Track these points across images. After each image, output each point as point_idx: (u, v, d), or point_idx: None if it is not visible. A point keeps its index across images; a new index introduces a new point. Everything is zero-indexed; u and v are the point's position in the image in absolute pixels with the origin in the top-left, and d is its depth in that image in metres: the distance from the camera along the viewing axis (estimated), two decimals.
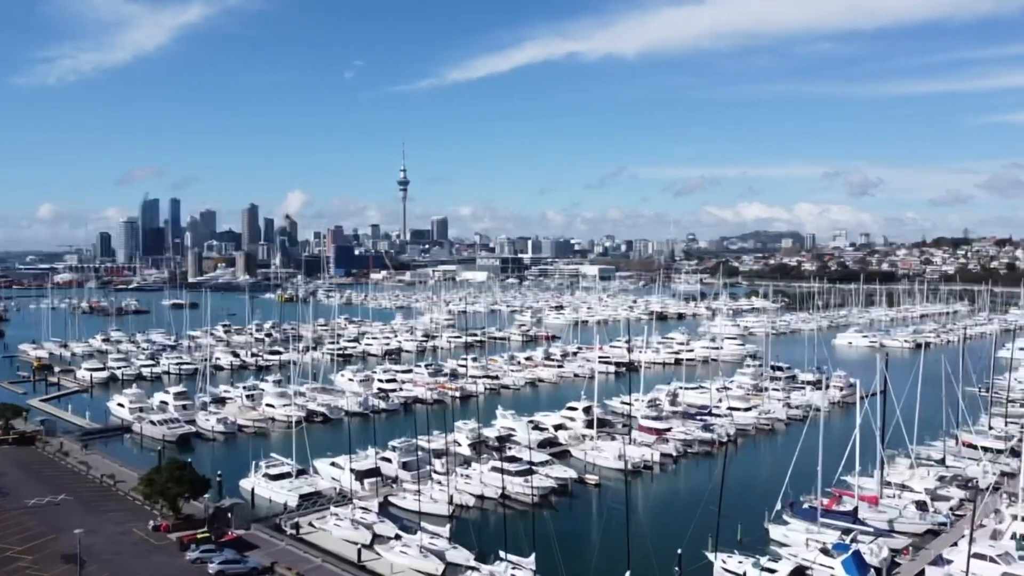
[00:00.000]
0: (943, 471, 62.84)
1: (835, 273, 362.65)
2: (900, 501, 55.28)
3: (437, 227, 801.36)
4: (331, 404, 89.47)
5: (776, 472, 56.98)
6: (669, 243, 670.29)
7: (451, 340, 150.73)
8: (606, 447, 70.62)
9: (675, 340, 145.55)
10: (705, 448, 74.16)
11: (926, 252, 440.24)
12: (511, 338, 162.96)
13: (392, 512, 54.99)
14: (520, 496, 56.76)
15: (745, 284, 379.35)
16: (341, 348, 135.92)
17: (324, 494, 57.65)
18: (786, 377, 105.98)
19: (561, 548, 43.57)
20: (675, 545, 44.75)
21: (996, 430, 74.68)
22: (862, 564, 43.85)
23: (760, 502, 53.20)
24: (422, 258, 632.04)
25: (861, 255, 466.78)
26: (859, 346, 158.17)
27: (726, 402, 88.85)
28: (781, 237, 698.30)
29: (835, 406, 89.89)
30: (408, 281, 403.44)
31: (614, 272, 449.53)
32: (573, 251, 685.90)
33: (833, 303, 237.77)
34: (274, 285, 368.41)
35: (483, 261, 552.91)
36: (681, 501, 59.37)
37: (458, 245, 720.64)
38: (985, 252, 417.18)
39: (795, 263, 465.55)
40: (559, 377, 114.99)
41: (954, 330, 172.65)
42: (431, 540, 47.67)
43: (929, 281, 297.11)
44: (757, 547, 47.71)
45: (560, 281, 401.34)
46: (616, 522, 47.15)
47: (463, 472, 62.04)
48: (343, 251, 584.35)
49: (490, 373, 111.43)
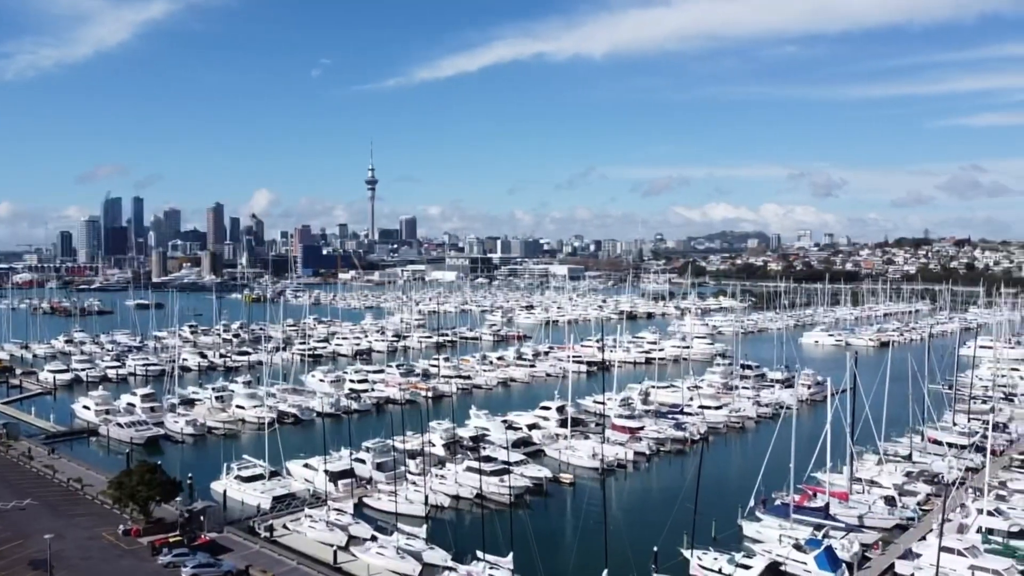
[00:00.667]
0: (910, 467, 64.17)
1: (800, 273, 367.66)
2: (869, 497, 56.32)
3: (406, 227, 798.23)
4: (302, 405, 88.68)
5: (748, 470, 57.69)
6: (637, 243, 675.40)
7: (422, 340, 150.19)
8: (580, 446, 70.88)
9: (645, 339, 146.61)
10: (678, 446, 74.82)
11: (888, 252, 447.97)
12: (482, 338, 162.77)
13: (367, 513, 54.73)
14: (496, 496, 56.76)
15: (712, 284, 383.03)
16: (311, 349, 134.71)
17: (298, 496, 57.11)
18: (755, 376, 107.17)
19: (538, 547, 43.71)
20: (651, 543, 45.07)
21: (960, 426, 76.31)
22: (834, 559, 44.56)
23: (733, 499, 53.82)
24: (391, 258, 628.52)
25: (825, 255, 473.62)
26: (825, 345, 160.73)
27: (697, 401, 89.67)
28: (747, 237, 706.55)
29: (804, 404, 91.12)
30: (377, 281, 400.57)
31: (583, 272, 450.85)
32: (542, 251, 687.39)
33: (799, 302, 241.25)
34: (241, 285, 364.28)
35: (452, 261, 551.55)
36: (656, 499, 59.86)
37: (427, 245, 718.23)
38: (945, 252, 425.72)
39: (761, 263, 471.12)
40: (531, 377, 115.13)
41: (917, 328, 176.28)
42: (407, 541, 47.46)
43: (892, 281, 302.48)
44: (731, 544, 48.30)
45: (530, 281, 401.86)
46: (592, 520, 47.43)
47: (438, 472, 61.87)
48: (311, 251, 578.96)
49: (462, 373, 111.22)
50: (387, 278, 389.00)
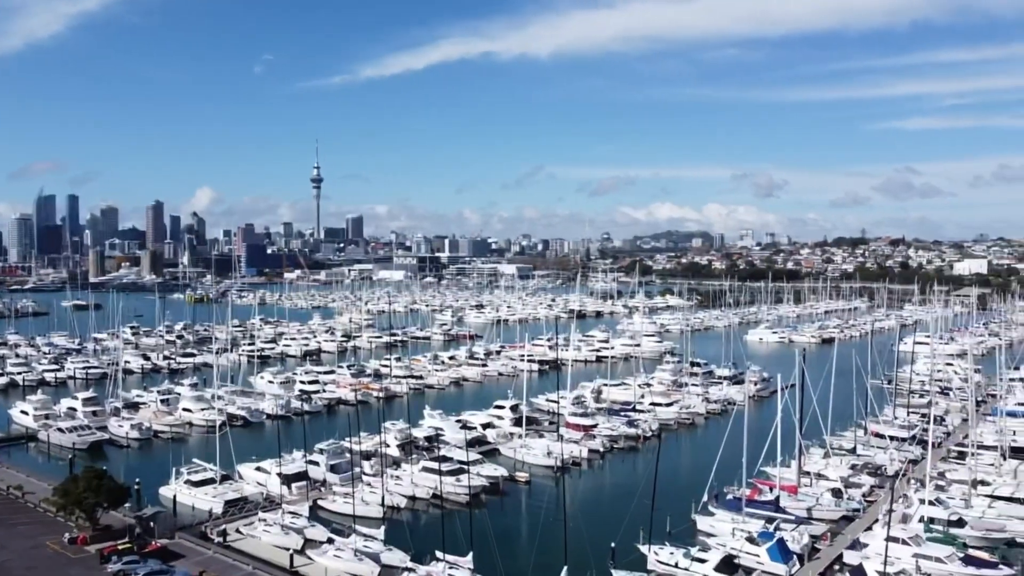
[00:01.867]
0: (855, 460, 66.15)
1: (744, 272, 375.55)
2: (817, 489, 57.91)
3: (352, 225, 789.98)
4: (251, 407, 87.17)
5: (700, 465, 58.76)
6: (585, 242, 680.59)
7: (372, 340, 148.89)
8: (535, 444, 71.24)
9: (596, 338, 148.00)
10: (631, 443, 75.78)
11: (827, 251, 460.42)
12: (433, 337, 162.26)
13: (323, 516, 54.08)
14: (453, 496, 56.72)
15: (659, 283, 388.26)
16: (258, 350, 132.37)
17: (251, 499, 56.13)
18: (704, 373, 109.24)
19: (498, 546, 43.82)
20: (608, 539, 45.59)
21: (900, 420, 78.99)
22: (786, 551, 45.72)
23: (687, 494, 54.74)
24: (337, 257, 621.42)
25: (768, 254, 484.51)
26: (770, 342, 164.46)
27: (649, 398, 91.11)
28: (692, 237, 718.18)
29: (752, 400, 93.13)
30: (324, 281, 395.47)
31: (532, 271, 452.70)
32: (490, 250, 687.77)
33: (743, 300, 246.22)
34: (183, 285, 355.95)
35: (400, 260, 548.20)
36: (611, 496, 60.53)
37: (374, 244, 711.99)
38: (881, 251, 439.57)
39: (706, 262, 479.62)
40: (484, 376, 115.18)
41: (856, 325, 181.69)
42: (365, 543, 47.07)
43: (831, 279, 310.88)
44: (686, 538, 49.13)
45: (478, 280, 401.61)
46: (550, 518, 47.75)
47: (394, 473, 61.55)
48: (255, 250, 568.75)
49: (414, 373, 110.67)
50: (334, 277, 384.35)
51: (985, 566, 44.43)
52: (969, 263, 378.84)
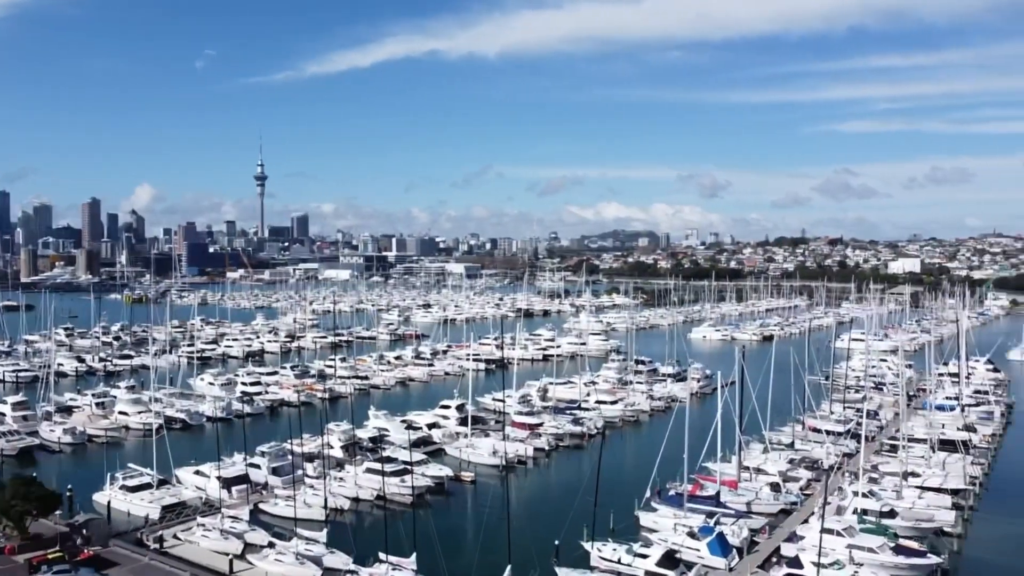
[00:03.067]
0: (792, 454, 67.79)
1: (688, 271, 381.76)
2: (756, 484, 59.17)
3: (297, 224, 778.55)
4: (191, 409, 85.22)
5: (644, 462, 59.47)
6: (533, 241, 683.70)
7: (316, 340, 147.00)
8: (480, 444, 71.26)
9: (542, 337, 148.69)
10: (576, 441, 76.33)
11: (769, 251, 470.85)
12: (379, 337, 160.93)
13: (264, 520, 53.20)
14: (397, 496, 56.35)
15: (606, 281, 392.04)
16: (199, 351, 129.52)
17: (189, 504, 54.87)
18: (648, 370, 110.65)
19: (442, 546, 43.64)
20: (552, 536, 45.87)
21: (836, 415, 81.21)
22: (725, 544, 46.62)
23: (630, 491, 55.42)
24: (282, 256, 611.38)
25: (711, 253, 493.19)
26: (712, 339, 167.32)
27: (594, 396, 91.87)
28: (638, 236, 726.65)
29: (695, 397, 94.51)
30: (268, 280, 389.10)
31: (479, 270, 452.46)
32: (438, 249, 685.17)
33: (687, 299, 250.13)
34: (120, 285, 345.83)
35: (346, 259, 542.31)
36: (556, 493, 60.82)
37: (320, 243, 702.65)
38: (820, 251, 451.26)
39: (652, 261, 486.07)
40: (430, 376, 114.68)
41: (796, 323, 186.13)
42: (307, 546, 46.45)
43: (772, 278, 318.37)
44: (629, 534, 49.66)
45: (426, 279, 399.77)
46: (494, 517, 47.77)
47: (337, 475, 60.87)
48: (196, 249, 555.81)
49: (359, 373, 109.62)
50: (278, 277, 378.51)
51: (914, 555, 46.00)
52: (903, 262, 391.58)
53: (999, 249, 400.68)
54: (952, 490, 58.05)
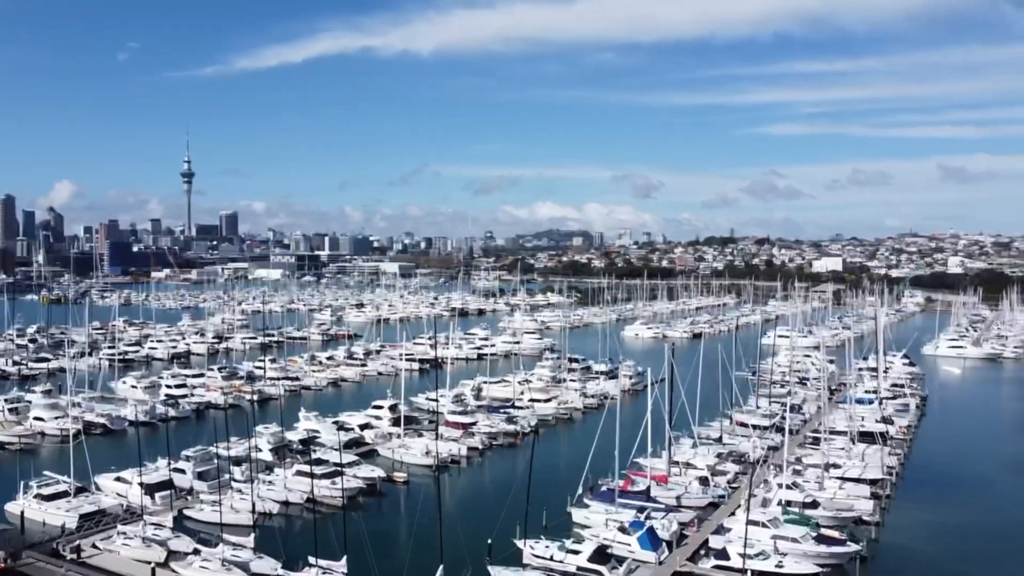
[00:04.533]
0: (720, 448, 69.35)
1: (621, 269, 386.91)
2: (685, 478, 60.39)
3: (226, 223, 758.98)
4: (112, 414, 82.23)
5: (576, 459, 59.98)
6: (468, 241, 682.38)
7: (246, 341, 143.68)
8: (414, 444, 70.83)
9: (477, 336, 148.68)
10: (510, 440, 76.55)
11: (699, 250, 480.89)
12: (311, 337, 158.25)
13: (189, 526, 51.68)
14: (328, 499, 55.54)
15: (540, 280, 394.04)
16: (121, 353, 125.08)
17: (109, 512, 52.83)
18: (582, 368, 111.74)
19: (373, 548, 43.18)
20: (485, 535, 45.83)
21: (763, 409, 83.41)
22: (655, 538, 47.41)
23: (563, 488, 55.79)
24: (210, 255, 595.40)
25: (644, 253, 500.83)
26: (644, 337, 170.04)
27: (528, 394, 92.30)
28: (572, 235, 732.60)
29: (626, 394, 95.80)
30: (195, 280, 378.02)
31: (414, 269, 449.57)
32: (372, 248, 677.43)
33: (620, 298, 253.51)
34: (37, 285, 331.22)
35: (278, 258, 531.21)
36: (489, 492, 60.86)
37: (250, 242, 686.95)
38: (748, 250, 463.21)
39: (586, 260, 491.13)
40: (363, 376, 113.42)
41: (725, 320, 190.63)
42: (234, 552, 45.33)
43: (702, 276, 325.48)
44: (562, 531, 50.07)
45: (359, 279, 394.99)
46: (427, 517, 47.45)
47: (266, 478, 59.63)
48: (119, 247, 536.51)
49: (290, 374, 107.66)
50: (206, 277, 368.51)
51: (835, 544, 47.62)
52: (826, 261, 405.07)
53: (915, 249, 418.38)
54: (870, 480, 60.34)
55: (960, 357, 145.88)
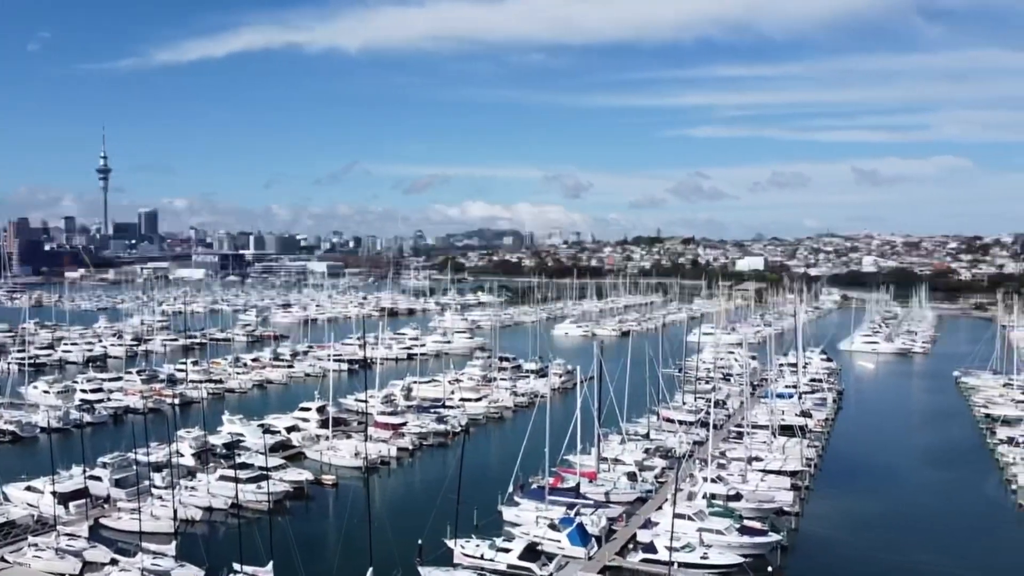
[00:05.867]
0: (648, 444, 70.63)
1: (552, 269, 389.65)
2: (614, 474, 61.22)
3: (145, 221, 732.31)
4: (22, 420, 78.53)
5: (507, 457, 60.23)
6: (398, 240, 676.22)
7: (166, 343, 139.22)
8: (342, 446, 69.89)
9: (407, 335, 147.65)
10: (440, 439, 76.25)
11: (627, 249, 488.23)
12: (235, 339, 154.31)
13: (106, 536, 49.73)
14: (253, 504, 54.20)
15: (471, 280, 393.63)
16: (32, 357, 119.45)
17: (19, 523, 50.45)
18: (512, 367, 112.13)
19: (300, 552, 42.42)
20: (416, 536, 45.48)
21: (688, 405, 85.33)
22: (584, 534, 47.95)
23: (494, 487, 55.91)
24: (128, 255, 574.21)
25: (573, 252, 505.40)
26: (574, 335, 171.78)
27: (458, 394, 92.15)
28: (503, 235, 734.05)
29: (556, 392, 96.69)
30: (112, 280, 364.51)
31: (343, 269, 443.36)
32: (299, 247, 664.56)
33: (551, 296, 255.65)
34: None
35: (200, 258, 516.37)
36: (419, 493, 60.54)
37: (171, 240, 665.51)
38: (675, 250, 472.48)
39: (516, 260, 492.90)
40: (289, 378, 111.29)
41: (652, 319, 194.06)
42: (154, 561, 43.86)
43: (630, 275, 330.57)
44: (493, 529, 50.16)
45: (286, 279, 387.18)
46: (356, 519, 46.87)
47: (188, 484, 57.95)
48: (30, 246, 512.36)
49: (213, 377, 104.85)
50: (124, 276, 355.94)
51: (757, 534, 49.07)
52: (749, 260, 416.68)
53: (832, 248, 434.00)
54: (790, 472, 62.42)
55: (874, 352, 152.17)
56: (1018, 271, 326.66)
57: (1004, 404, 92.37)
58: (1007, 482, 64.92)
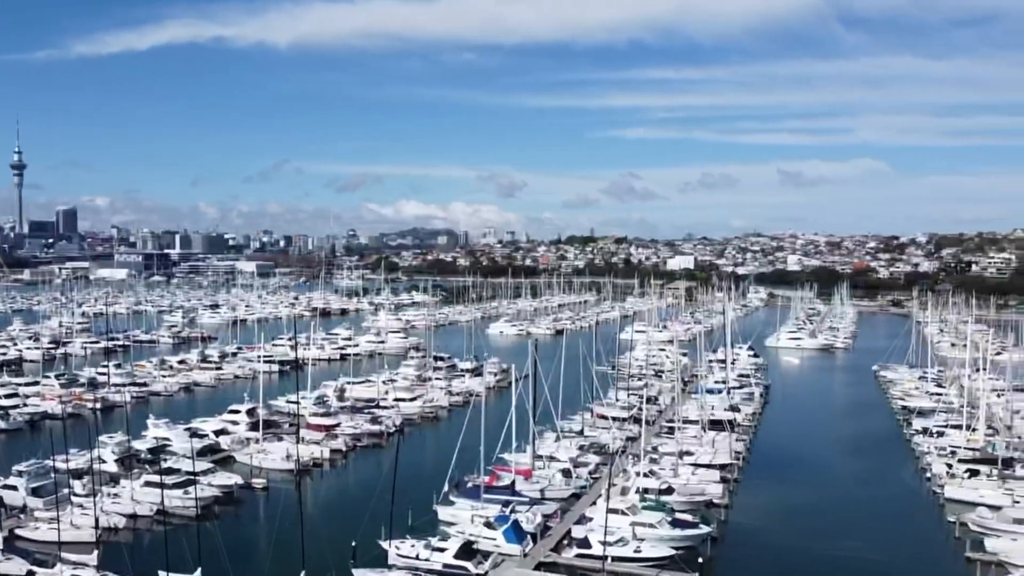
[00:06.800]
0: (582, 441, 71.40)
1: (486, 268, 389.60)
2: (549, 471, 61.66)
3: (64, 219, 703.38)
4: None
5: (442, 457, 60.00)
6: (330, 239, 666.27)
7: (87, 346, 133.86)
8: (273, 448, 68.52)
9: (340, 336, 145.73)
10: (374, 440, 75.47)
11: (561, 249, 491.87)
12: (161, 341, 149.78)
13: (21, 547, 47.59)
14: (180, 510, 52.71)
15: (405, 279, 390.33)
16: None
17: None
18: (447, 367, 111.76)
19: (230, 558, 41.38)
20: (350, 538, 44.90)
21: (621, 402, 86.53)
22: (520, 531, 48.14)
23: (429, 486, 55.60)
24: (45, 254, 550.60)
25: (508, 251, 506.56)
26: (509, 334, 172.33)
27: (393, 394, 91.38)
28: (438, 234, 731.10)
29: (492, 390, 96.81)
30: (28, 280, 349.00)
31: (273, 268, 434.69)
32: (228, 247, 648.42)
33: (485, 296, 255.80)
34: None
35: (123, 257, 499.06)
36: (353, 494, 59.80)
37: (91, 240, 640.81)
38: (608, 249, 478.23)
39: (451, 259, 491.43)
40: (218, 380, 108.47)
41: (586, 317, 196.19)
42: (74, 572, 42.34)
43: (564, 274, 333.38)
44: (428, 529, 49.85)
45: (214, 278, 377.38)
46: (288, 523, 45.98)
47: (111, 491, 55.91)
48: None
49: (137, 380, 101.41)
50: (41, 277, 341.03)
51: (688, 527, 50.12)
52: (679, 259, 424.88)
53: (759, 248, 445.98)
54: (720, 465, 63.92)
55: (798, 348, 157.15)
56: (932, 269, 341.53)
57: (919, 396, 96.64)
58: (922, 470, 67.91)
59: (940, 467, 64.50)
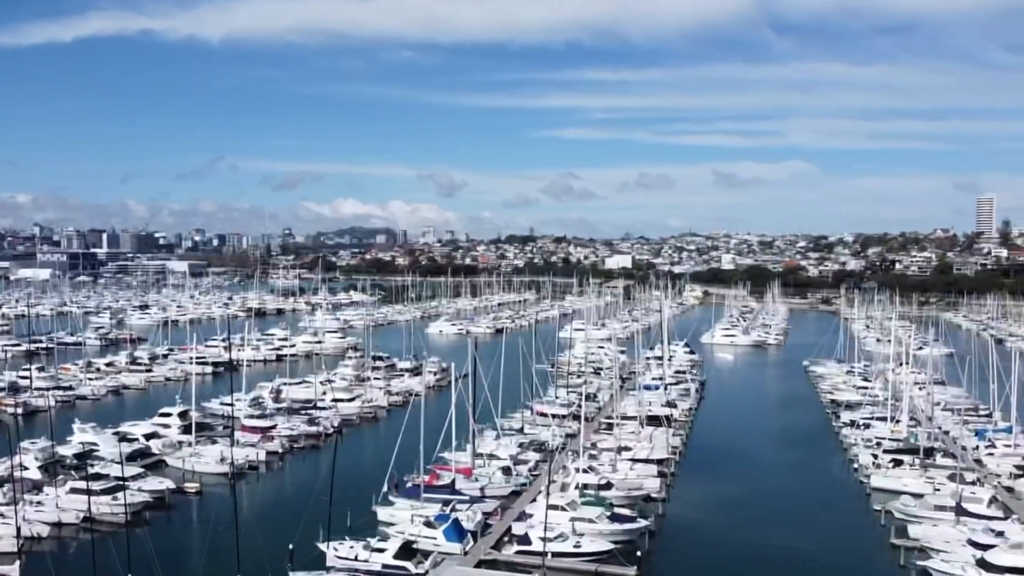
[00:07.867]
0: (522, 438, 71.64)
1: (426, 267, 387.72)
2: (489, 469, 61.68)
3: None
4: None
5: (381, 457, 59.40)
6: (265, 238, 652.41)
7: (7, 349, 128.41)
8: (207, 451, 66.90)
9: (276, 336, 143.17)
10: (312, 442, 74.35)
11: (501, 248, 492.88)
12: (87, 343, 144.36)
13: None
14: (108, 516, 50.95)
15: (343, 279, 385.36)
16: None
17: None
18: (386, 366, 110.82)
19: (161, 564, 40.27)
20: (287, 541, 44.10)
21: (561, 399, 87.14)
22: (460, 530, 48.04)
23: (368, 487, 55.00)
24: None
25: (448, 251, 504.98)
26: (448, 334, 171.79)
27: (330, 394, 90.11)
28: (376, 233, 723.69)
29: (431, 390, 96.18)
30: None
31: (206, 268, 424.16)
32: (158, 246, 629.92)
33: (425, 295, 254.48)
34: None
35: (46, 257, 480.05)
36: (290, 497, 58.82)
37: (11, 238, 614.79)
38: (547, 248, 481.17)
39: (390, 258, 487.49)
40: (148, 382, 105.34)
41: (525, 316, 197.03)
42: None
43: (504, 273, 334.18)
44: (367, 530, 49.34)
45: (144, 278, 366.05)
46: (223, 527, 44.91)
47: (34, 499, 53.74)
48: None
49: (62, 384, 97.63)
50: None
51: (627, 521, 50.82)
52: (617, 258, 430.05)
53: (694, 247, 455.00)
54: (658, 460, 65.05)
55: (732, 345, 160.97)
56: (858, 268, 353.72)
57: (847, 390, 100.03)
58: (850, 461, 70.35)
59: (866, 458, 66.86)
